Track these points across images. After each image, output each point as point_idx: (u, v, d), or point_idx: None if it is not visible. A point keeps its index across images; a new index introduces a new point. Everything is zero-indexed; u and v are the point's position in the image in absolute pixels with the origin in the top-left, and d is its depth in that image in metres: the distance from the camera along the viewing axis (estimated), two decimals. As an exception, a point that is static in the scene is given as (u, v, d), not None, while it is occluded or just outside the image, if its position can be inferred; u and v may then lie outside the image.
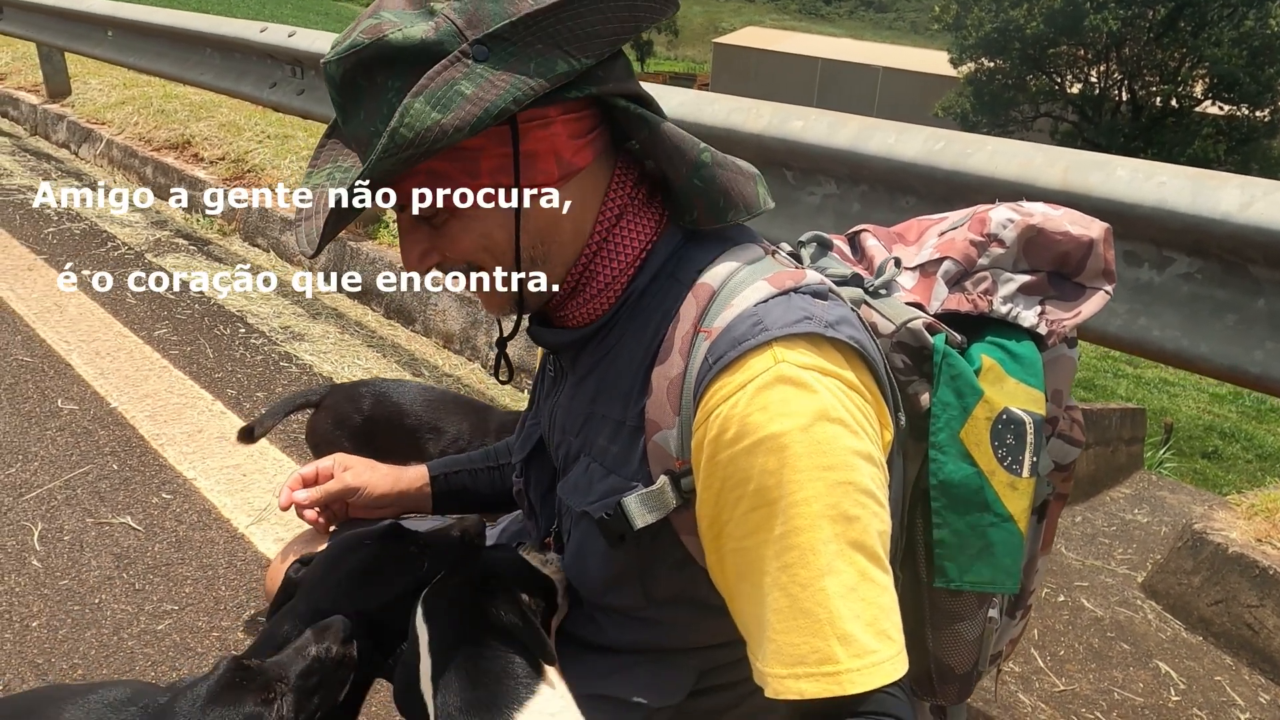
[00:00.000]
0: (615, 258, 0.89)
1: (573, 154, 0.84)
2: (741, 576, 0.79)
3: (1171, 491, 4.63)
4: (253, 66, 4.29)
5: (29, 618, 1.92)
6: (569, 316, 0.93)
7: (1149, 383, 9.42)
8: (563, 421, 0.97)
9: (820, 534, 0.75)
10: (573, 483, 0.93)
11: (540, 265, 0.88)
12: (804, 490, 0.75)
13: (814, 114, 2.04)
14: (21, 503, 2.30)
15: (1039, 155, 1.69)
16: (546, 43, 0.77)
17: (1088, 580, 2.78)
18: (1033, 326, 0.98)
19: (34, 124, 6.62)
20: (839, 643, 0.73)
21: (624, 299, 0.90)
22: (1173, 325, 1.59)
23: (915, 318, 0.94)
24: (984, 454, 0.92)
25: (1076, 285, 1.01)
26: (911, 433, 0.93)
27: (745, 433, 0.77)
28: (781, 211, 2.14)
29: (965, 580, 0.93)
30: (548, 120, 0.82)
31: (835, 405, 0.77)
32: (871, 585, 0.76)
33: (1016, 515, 0.93)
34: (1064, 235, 0.99)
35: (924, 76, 37.99)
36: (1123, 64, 26.47)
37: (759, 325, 0.80)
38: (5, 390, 2.85)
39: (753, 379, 0.78)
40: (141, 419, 2.73)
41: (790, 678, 0.74)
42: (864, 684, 0.73)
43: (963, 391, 0.92)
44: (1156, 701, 2.16)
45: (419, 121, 0.74)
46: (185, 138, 5.42)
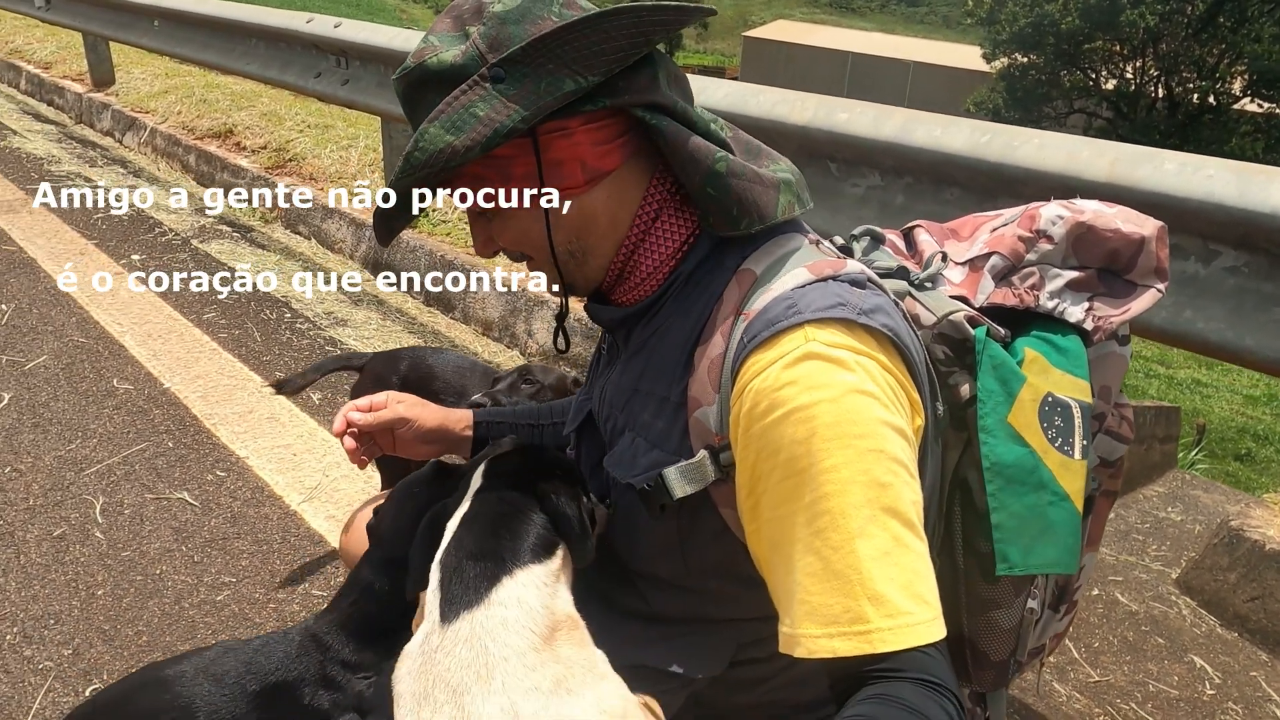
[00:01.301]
0: (654, 251, 0.95)
1: (597, 159, 0.90)
2: (775, 546, 0.80)
3: (1205, 490, 4.59)
4: (297, 57, 4.36)
5: (94, 586, 2.00)
6: (619, 298, 0.99)
7: (1181, 383, 9.31)
8: (611, 397, 1.01)
9: (851, 499, 0.76)
10: (618, 456, 0.97)
11: (579, 258, 0.95)
12: (833, 458, 0.77)
13: (859, 106, 2.07)
14: (83, 477, 2.38)
15: (1086, 148, 1.71)
16: (556, 63, 0.84)
17: (1122, 575, 2.79)
18: (1079, 322, 0.99)
19: (79, 112, 6.76)
20: (870, 603, 0.73)
21: (672, 280, 0.95)
22: (1217, 318, 1.60)
23: (957, 310, 0.95)
24: (1035, 435, 0.93)
25: (1127, 283, 1.01)
26: (952, 423, 0.95)
27: (776, 405, 0.79)
28: (825, 203, 2.16)
29: (1030, 564, 0.92)
30: (568, 131, 0.88)
31: (865, 379, 0.79)
32: (906, 551, 0.76)
33: (1073, 495, 0.93)
34: (1114, 233, 1.00)
35: (956, 71, 37.60)
36: (1159, 60, 26.06)
37: (793, 308, 0.83)
38: (63, 370, 2.95)
39: (784, 355, 0.80)
40: (194, 399, 2.81)
41: (824, 637, 0.74)
42: (896, 643, 0.73)
43: (1006, 379, 0.93)
44: (1191, 695, 2.17)
45: (432, 145, 0.84)
46: (227, 127, 5.52)
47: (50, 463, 2.44)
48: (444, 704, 0.74)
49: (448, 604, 0.79)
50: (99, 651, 1.82)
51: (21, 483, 2.35)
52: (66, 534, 2.16)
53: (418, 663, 0.78)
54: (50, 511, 2.24)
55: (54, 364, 2.98)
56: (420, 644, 0.80)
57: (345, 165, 4.82)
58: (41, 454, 2.48)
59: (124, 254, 4.01)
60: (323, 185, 4.68)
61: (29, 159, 5.49)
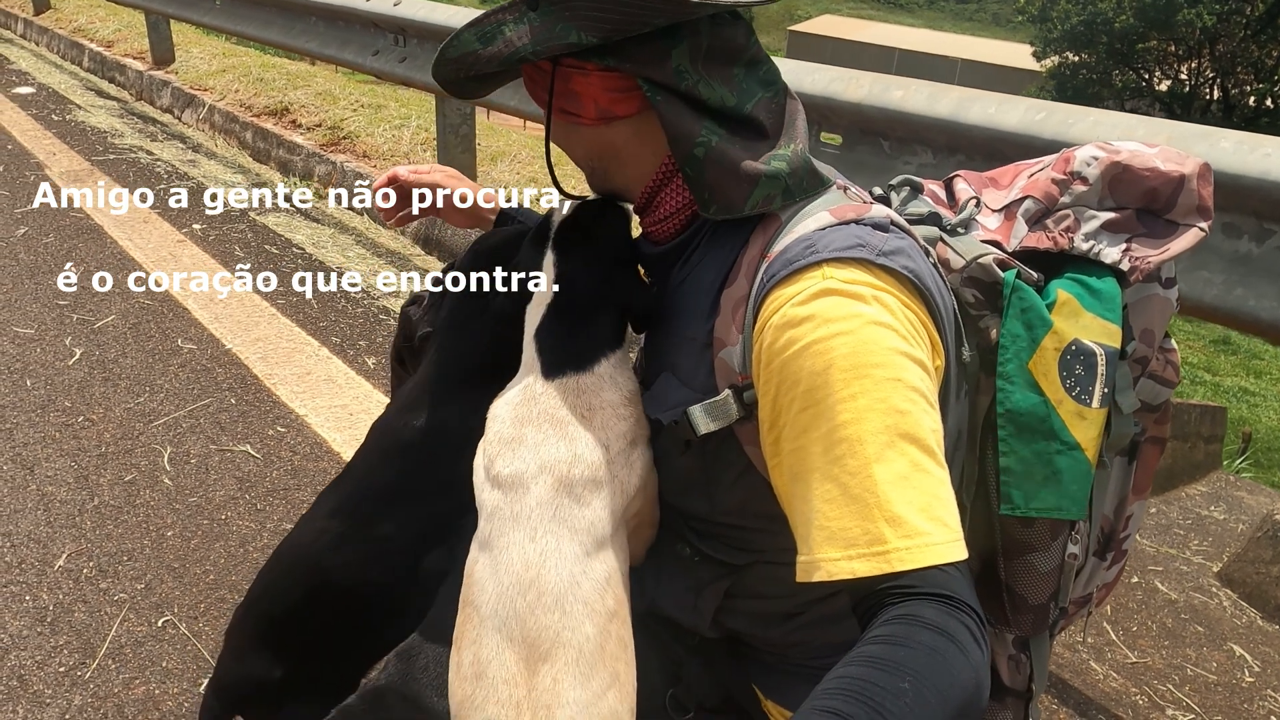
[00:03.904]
0: (677, 195, 0.99)
1: (609, 103, 0.95)
2: (795, 477, 0.81)
3: (1250, 492, 4.53)
4: (355, 35, 4.46)
5: (164, 528, 2.10)
6: (649, 228, 1.04)
7: (1228, 390, 9.13)
8: (650, 339, 1.06)
9: (868, 426, 0.76)
10: (652, 394, 1.01)
11: (601, 175, 1.03)
12: (850, 387, 0.78)
13: (914, 84, 2.10)
14: (151, 428, 2.49)
15: (1142, 126, 1.72)
16: (571, 13, 0.89)
17: (1162, 566, 2.79)
18: (1115, 263, 0.97)
19: (139, 89, 6.94)
20: (888, 524, 0.74)
21: (703, 223, 0.99)
22: (1270, 296, 1.61)
23: (986, 253, 0.96)
24: (1051, 384, 0.93)
25: (1168, 223, 0.99)
26: (982, 366, 0.96)
27: (794, 340, 0.81)
28: (877, 180, 2.18)
29: (1031, 507, 0.94)
30: (585, 71, 0.94)
31: (882, 312, 0.80)
32: (924, 475, 0.76)
33: (1084, 444, 0.94)
34: (1151, 171, 0.98)
35: (1004, 69, 37.05)
36: (1216, 61, 25.47)
37: (811, 248, 0.85)
38: (130, 329, 3.06)
39: (801, 291, 0.82)
40: (254, 360, 2.91)
41: (844, 559, 0.75)
42: (913, 561, 0.73)
43: (1032, 324, 0.93)
44: (1230, 681, 2.18)
45: (463, 48, 0.94)
46: (283, 105, 5.65)
47: (120, 414, 2.55)
48: (549, 430, 0.92)
49: (551, 366, 0.96)
50: (169, 587, 1.92)
51: (94, 431, 2.46)
52: (137, 479, 2.26)
53: (519, 399, 0.95)
54: (121, 458, 2.34)
55: (121, 323, 3.11)
56: (522, 389, 0.96)
57: (398, 144, 4.92)
58: (112, 405, 2.59)
59: (185, 223, 4.14)
60: (376, 163, 4.78)
61: (94, 132, 5.67)
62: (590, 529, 0.89)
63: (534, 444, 0.91)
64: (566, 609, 0.85)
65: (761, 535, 0.99)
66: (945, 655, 0.68)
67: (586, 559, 0.87)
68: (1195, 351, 9.80)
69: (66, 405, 2.58)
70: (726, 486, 0.97)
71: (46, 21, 9.12)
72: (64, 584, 1.91)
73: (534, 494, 0.89)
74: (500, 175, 4.50)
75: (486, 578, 0.88)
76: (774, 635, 1.06)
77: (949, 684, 0.67)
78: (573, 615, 0.85)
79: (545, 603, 0.85)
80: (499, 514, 0.90)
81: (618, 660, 0.86)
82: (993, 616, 1.05)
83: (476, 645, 0.86)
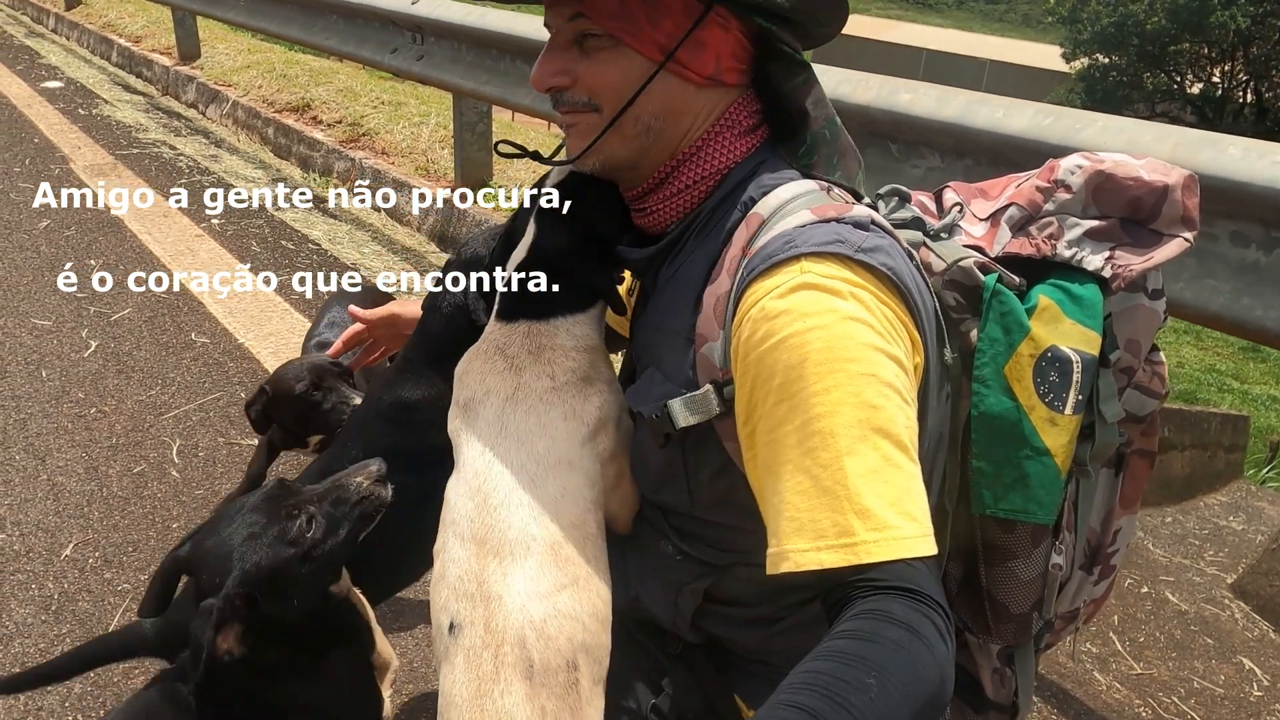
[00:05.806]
0: (701, 165, 0.98)
1: (726, 68, 0.95)
2: (768, 469, 0.81)
3: (1271, 503, 4.46)
4: (374, 32, 4.49)
5: (170, 520, 2.12)
6: (648, 211, 1.03)
7: (1256, 399, 8.97)
8: (638, 337, 1.07)
9: (841, 419, 0.77)
10: (636, 388, 1.02)
11: (650, 138, 0.96)
12: (824, 381, 0.78)
13: (922, 87, 2.08)
14: (161, 421, 2.53)
15: (1147, 132, 1.70)
16: None
17: (1174, 576, 2.75)
18: (1098, 270, 0.97)
19: (165, 84, 7.03)
20: (857, 517, 0.74)
21: (694, 217, 0.99)
22: (1277, 305, 1.59)
23: (967, 257, 0.96)
24: (1025, 389, 0.93)
25: (1153, 232, 0.99)
26: (964, 369, 0.96)
27: (771, 333, 0.82)
28: (884, 183, 2.18)
29: (1000, 507, 0.94)
30: (729, 27, 0.93)
31: (858, 308, 0.81)
32: (896, 470, 0.76)
33: (1055, 450, 0.94)
34: (1135, 180, 0.98)
35: (1033, 71, 36.68)
36: (1249, 64, 25.08)
37: (790, 244, 0.85)
38: (145, 322, 3.11)
39: (779, 285, 0.83)
40: (265, 355, 2.94)
41: (811, 550, 0.75)
42: (881, 554, 0.73)
43: (1010, 328, 0.94)
44: (1237, 694, 2.14)
45: None
46: (305, 101, 5.70)
47: (132, 406, 2.59)
48: (497, 360, 1.01)
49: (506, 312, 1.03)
50: (172, 578, 1.94)
51: (105, 423, 2.49)
52: (145, 471, 2.29)
53: (479, 342, 1.04)
54: (131, 450, 2.38)
55: (137, 316, 3.15)
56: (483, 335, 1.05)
57: (416, 141, 4.95)
58: (124, 398, 2.63)
59: (204, 218, 4.19)
60: (394, 159, 4.81)
61: (118, 126, 5.75)
62: (536, 441, 0.97)
63: (481, 372, 1.01)
64: (512, 509, 0.93)
65: (742, 535, 0.99)
66: (910, 650, 0.69)
67: (536, 467, 0.95)
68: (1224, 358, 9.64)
69: (80, 397, 2.62)
70: (705, 481, 0.98)
71: (77, 16, 9.26)
72: (70, 573, 1.94)
73: (483, 415, 0.99)
74: (517, 174, 4.52)
75: (452, 494, 0.98)
76: (754, 641, 1.06)
77: (914, 679, 0.68)
78: (518, 514, 0.93)
79: (491, 503, 0.94)
80: (458, 435, 1.01)
81: (577, 567, 0.93)
82: (975, 625, 1.05)
83: (442, 551, 0.96)
